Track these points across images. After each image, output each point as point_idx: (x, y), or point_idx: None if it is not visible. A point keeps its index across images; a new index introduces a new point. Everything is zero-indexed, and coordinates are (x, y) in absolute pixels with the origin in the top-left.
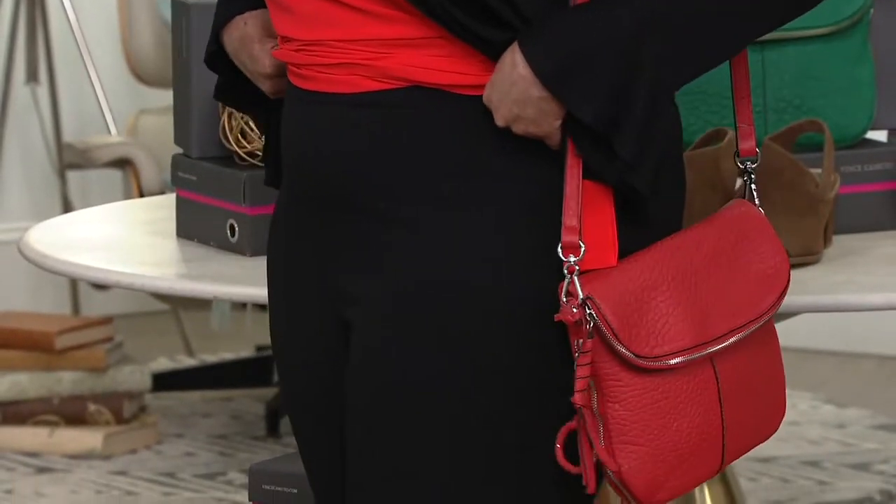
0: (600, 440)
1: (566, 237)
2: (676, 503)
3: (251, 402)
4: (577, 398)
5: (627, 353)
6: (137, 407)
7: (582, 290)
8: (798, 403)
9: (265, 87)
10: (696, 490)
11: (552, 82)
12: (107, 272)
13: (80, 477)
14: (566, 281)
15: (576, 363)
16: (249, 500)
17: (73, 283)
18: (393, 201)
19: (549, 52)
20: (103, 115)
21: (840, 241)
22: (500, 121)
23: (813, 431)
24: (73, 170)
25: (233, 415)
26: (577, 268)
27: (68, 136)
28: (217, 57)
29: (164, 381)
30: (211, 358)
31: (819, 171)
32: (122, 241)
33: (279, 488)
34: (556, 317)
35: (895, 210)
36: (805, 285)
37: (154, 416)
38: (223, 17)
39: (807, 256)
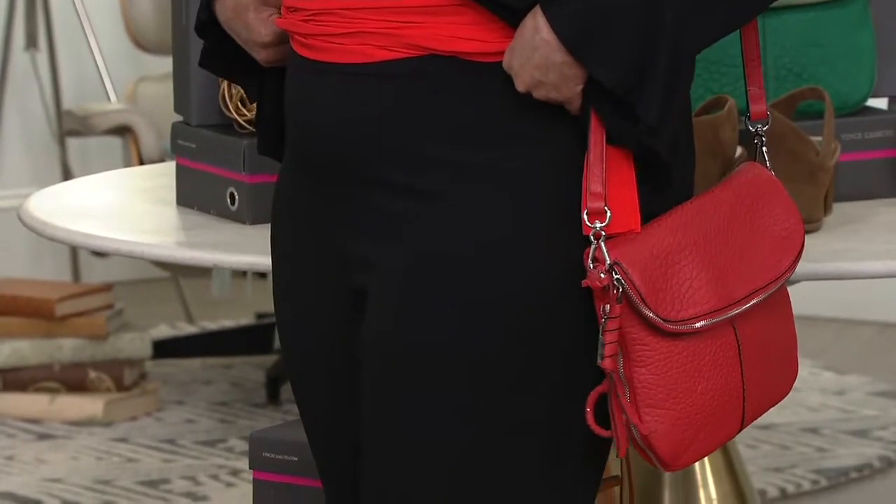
0: (629, 404)
1: (592, 203)
2: (674, 475)
3: (251, 369)
4: (607, 363)
5: (654, 317)
6: (138, 374)
7: (609, 256)
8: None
9: (260, 56)
10: None
11: (575, 47)
12: (107, 240)
13: (81, 443)
14: (592, 247)
15: (602, 328)
16: (250, 467)
17: (74, 250)
18: (411, 170)
19: (572, 16)
20: (103, 83)
21: (840, 209)
22: (520, 86)
23: (812, 398)
24: (73, 137)
25: (233, 382)
26: (603, 234)
27: (68, 103)
28: (207, 25)
29: (165, 349)
30: (211, 325)
31: (819, 138)
32: (122, 208)
33: (280, 456)
34: (584, 283)
35: (895, 177)
36: (805, 253)
37: (154, 383)
38: None
39: (807, 224)
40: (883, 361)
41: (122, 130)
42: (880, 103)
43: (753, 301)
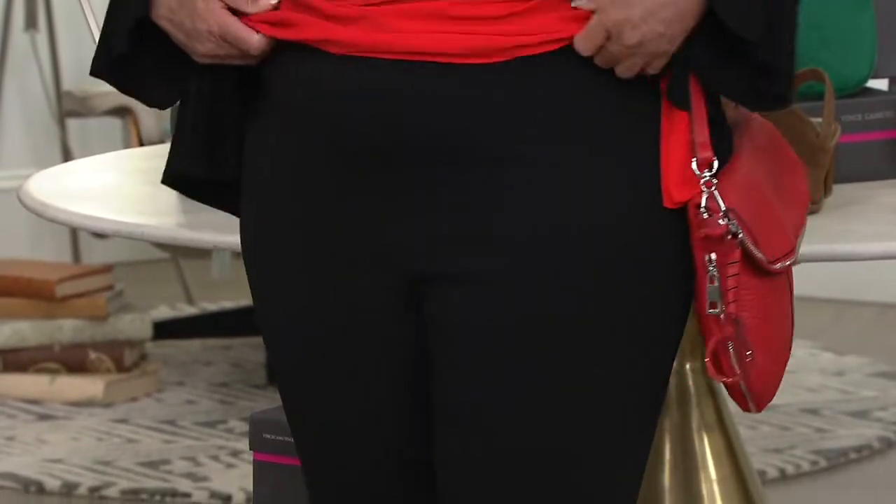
0: (749, 349)
1: (701, 154)
2: (674, 453)
3: (251, 350)
4: (733, 308)
5: (763, 258)
6: (138, 355)
7: (723, 203)
8: (797, 351)
9: (204, 47)
10: (696, 439)
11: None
12: (107, 221)
13: (82, 424)
14: (704, 196)
15: (716, 277)
16: (250, 448)
17: (73, 231)
18: (506, 148)
19: None
20: None
21: (840, 191)
22: (630, 39)
23: (812, 379)
24: (73, 118)
25: (233, 363)
26: (714, 181)
27: (67, 83)
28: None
29: (165, 330)
30: (211, 306)
31: (819, 120)
32: (122, 189)
33: (280, 437)
34: (703, 232)
35: (895, 159)
36: (805, 235)
37: (155, 364)
38: None
39: None
40: (882, 342)
41: (122, 111)
42: (880, 84)
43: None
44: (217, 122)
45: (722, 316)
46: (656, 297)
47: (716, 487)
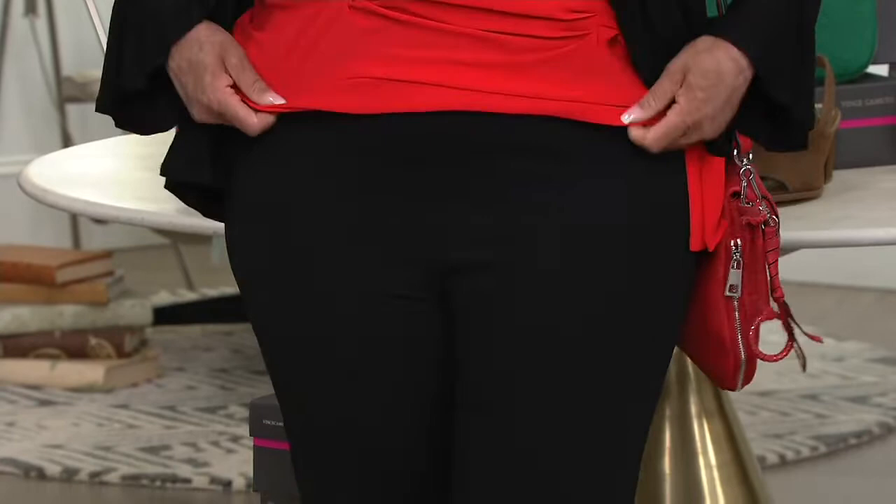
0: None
1: (745, 143)
2: (673, 439)
3: (252, 336)
4: (780, 293)
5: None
6: (138, 341)
7: (759, 190)
8: (797, 337)
9: (199, 116)
10: (696, 425)
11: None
12: (106, 207)
13: (82, 410)
14: (743, 185)
15: (740, 261)
16: (250, 434)
17: (74, 216)
18: (542, 146)
19: (756, 39)
20: (102, 49)
21: (840, 177)
22: (709, 132)
23: (812, 365)
24: (73, 103)
25: (233, 349)
26: (752, 171)
27: (67, 69)
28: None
29: (165, 315)
30: (212, 292)
31: (820, 105)
32: (122, 175)
33: (280, 423)
34: (745, 219)
35: (895, 145)
36: (805, 221)
37: (155, 349)
38: (175, 30)
39: (807, 192)
40: (883, 328)
41: None
42: (881, 70)
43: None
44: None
45: (771, 301)
46: (670, 294)
47: (715, 473)
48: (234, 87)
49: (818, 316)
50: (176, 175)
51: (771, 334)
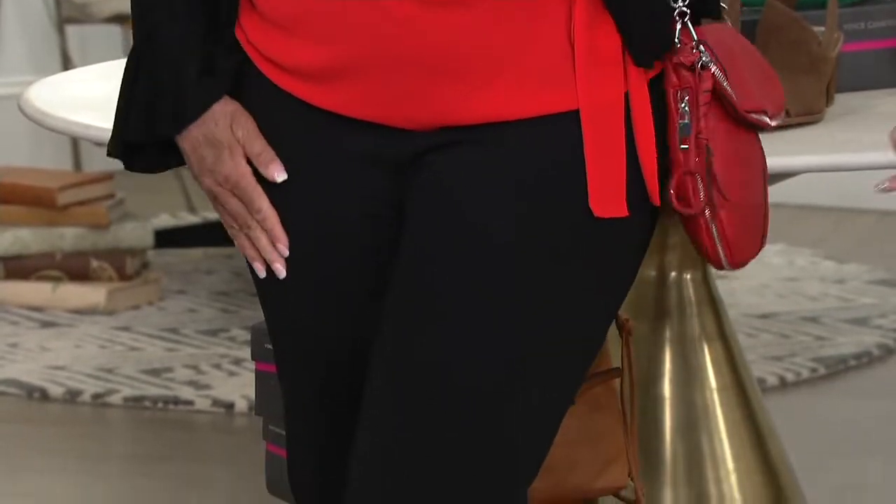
0: (718, 184)
1: None
2: (673, 363)
3: None
4: (704, 135)
5: (733, 95)
6: (140, 263)
7: (695, 34)
8: (797, 259)
9: (206, 184)
10: (696, 349)
11: None
12: (106, 131)
13: (84, 332)
14: (678, 27)
15: (686, 112)
16: (252, 358)
17: (74, 138)
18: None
19: None
20: None
21: (842, 100)
22: None
23: (812, 287)
24: (72, 24)
25: (235, 272)
26: (687, 12)
27: None
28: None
29: (167, 238)
30: (213, 215)
31: (822, 28)
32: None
33: None
34: (676, 59)
35: None
36: (807, 145)
37: (156, 272)
38: (194, 107)
39: (809, 116)
40: (882, 250)
41: (122, 18)
42: None
43: (779, 121)
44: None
45: (691, 146)
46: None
47: (715, 397)
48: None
49: (818, 238)
50: (135, 135)
51: (775, 257)
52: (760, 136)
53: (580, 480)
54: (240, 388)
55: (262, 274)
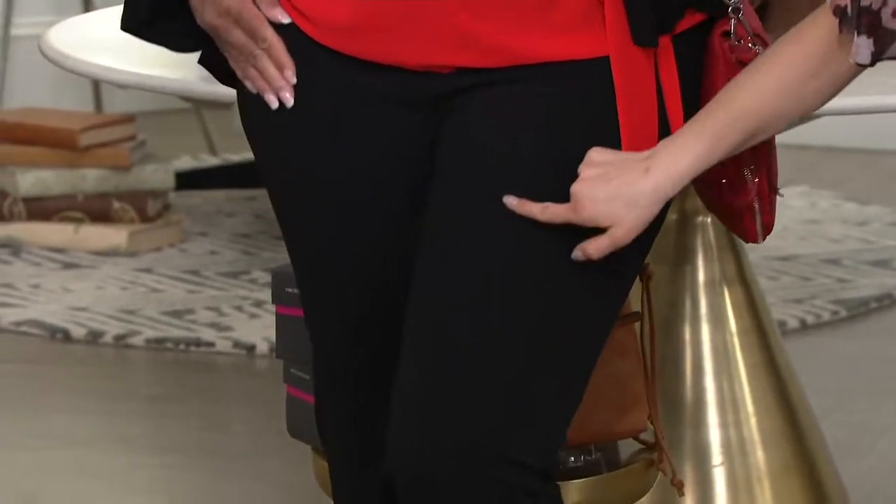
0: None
1: None
2: (693, 307)
3: None
4: None
5: None
6: (161, 205)
7: (750, 28)
8: (819, 202)
9: (213, 21)
10: (716, 292)
11: None
12: (128, 74)
13: (106, 273)
14: (733, 22)
15: None
16: (273, 302)
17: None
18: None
19: None
20: None
21: None
22: None
23: (834, 230)
24: None
25: (256, 214)
26: (741, 8)
27: None
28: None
29: (188, 180)
30: (234, 157)
31: None
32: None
33: None
34: (735, 56)
35: None
36: None
37: (178, 214)
38: None
39: None
40: None
41: None
42: None
43: None
44: None
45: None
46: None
47: (735, 340)
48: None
49: (840, 180)
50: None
51: (797, 198)
52: None
53: (601, 424)
54: (261, 330)
55: (274, 105)
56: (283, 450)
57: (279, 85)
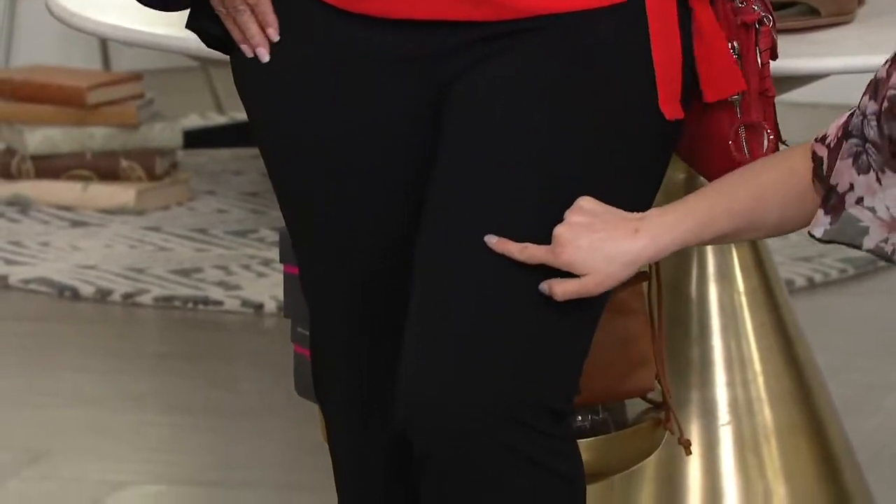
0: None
1: None
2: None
3: None
4: (773, 92)
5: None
6: (169, 164)
7: None
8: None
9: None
10: (723, 250)
11: None
12: (135, 32)
13: (114, 232)
14: None
15: (740, 61)
16: (280, 261)
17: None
18: None
19: None
20: None
21: (874, 0)
22: None
23: None
24: None
25: (263, 172)
26: None
27: None
28: None
29: (196, 138)
30: (241, 115)
31: None
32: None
33: None
34: (741, 19)
35: None
36: (839, 46)
37: (186, 172)
38: None
39: (840, 16)
40: None
41: None
42: None
43: None
44: None
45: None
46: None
47: (743, 299)
48: None
49: None
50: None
51: None
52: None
53: (608, 383)
54: (269, 288)
55: (248, 54)
56: (290, 408)
57: (258, 41)
